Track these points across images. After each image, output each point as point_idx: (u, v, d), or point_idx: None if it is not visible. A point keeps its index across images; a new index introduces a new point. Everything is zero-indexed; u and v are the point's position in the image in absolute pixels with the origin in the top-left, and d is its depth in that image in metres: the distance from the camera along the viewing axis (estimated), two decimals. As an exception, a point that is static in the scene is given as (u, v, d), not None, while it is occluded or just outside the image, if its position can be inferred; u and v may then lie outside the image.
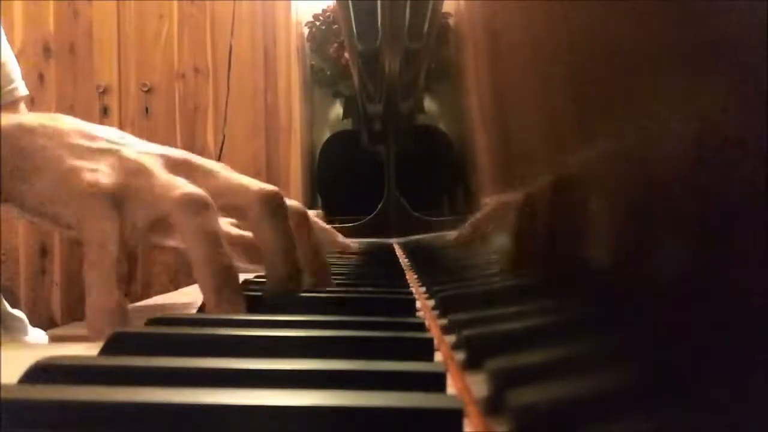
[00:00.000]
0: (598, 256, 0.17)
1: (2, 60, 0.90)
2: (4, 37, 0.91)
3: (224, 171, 0.45)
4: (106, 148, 0.41)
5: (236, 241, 0.52)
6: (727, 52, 0.11)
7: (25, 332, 0.89)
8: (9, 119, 0.42)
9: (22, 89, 0.92)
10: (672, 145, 0.12)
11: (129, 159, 0.41)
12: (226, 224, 0.51)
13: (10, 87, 0.90)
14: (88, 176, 0.39)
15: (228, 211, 0.45)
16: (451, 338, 0.34)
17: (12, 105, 0.91)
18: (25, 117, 0.43)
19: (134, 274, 1.93)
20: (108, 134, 0.43)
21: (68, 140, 0.41)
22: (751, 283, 0.10)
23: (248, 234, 0.50)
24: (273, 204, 0.43)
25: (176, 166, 0.43)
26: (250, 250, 0.51)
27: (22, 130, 0.41)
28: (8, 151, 0.40)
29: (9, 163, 0.40)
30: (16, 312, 0.91)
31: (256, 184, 0.44)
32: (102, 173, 0.40)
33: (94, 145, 0.41)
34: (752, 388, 0.10)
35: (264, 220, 0.42)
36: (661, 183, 0.13)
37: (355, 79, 1.22)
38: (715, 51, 0.11)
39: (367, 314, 0.35)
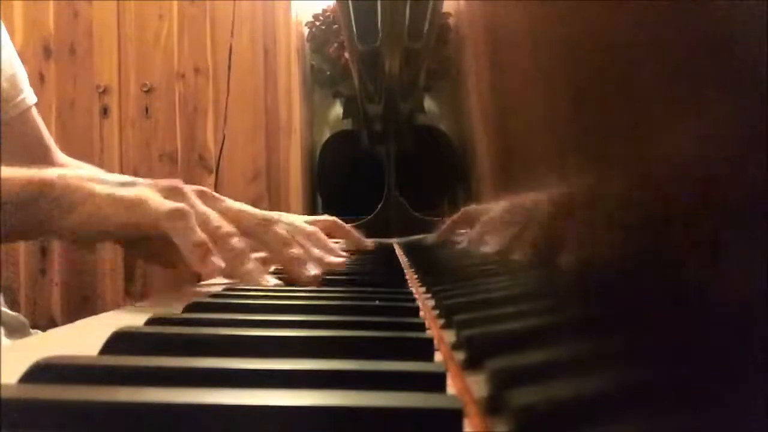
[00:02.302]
0: (598, 256, 0.17)
1: (12, 70, 0.90)
2: (10, 45, 0.91)
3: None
4: (130, 182, 0.56)
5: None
6: (728, 54, 0.11)
7: (26, 334, 0.89)
8: (52, 172, 0.55)
9: (30, 98, 0.93)
10: (673, 146, 0.12)
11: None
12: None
13: (20, 97, 0.91)
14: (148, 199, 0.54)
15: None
16: (451, 338, 0.34)
17: (23, 114, 0.91)
18: (64, 171, 0.57)
19: (134, 275, 1.93)
20: (122, 177, 0.58)
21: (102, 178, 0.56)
22: (751, 283, 0.10)
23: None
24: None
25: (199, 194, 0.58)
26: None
27: (62, 178, 0.54)
28: (56, 193, 0.53)
29: (49, 207, 0.53)
30: (17, 315, 0.91)
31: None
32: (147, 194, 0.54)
33: (122, 179, 0.57)
34: (752, 388, 0.10)
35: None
36: (662, 183, 0.13)
37: (355, 79, 1.22)
38: (715, 52, 0.11)
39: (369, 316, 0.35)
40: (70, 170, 0.59)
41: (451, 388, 0.25)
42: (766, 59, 0.09)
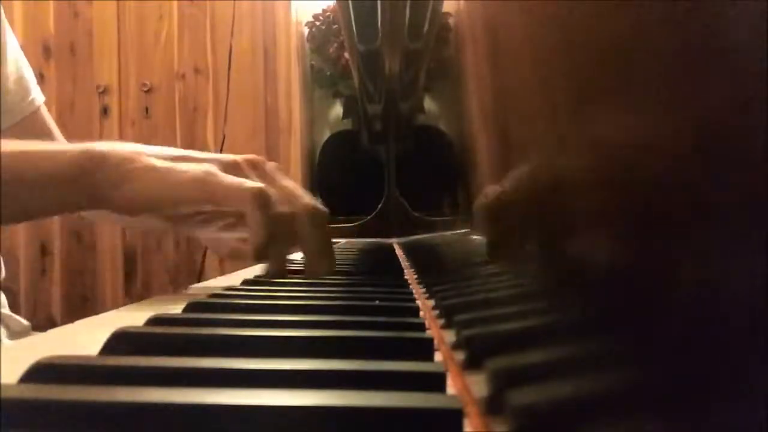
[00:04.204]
0: (598, 255, 0.17)
1: (20, 72, 0.91)
2: (18, 47, 0.92)
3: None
4: (178, 155, 0.58)
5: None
6: (727, 53, 0.11)
7: (27, 335, 0.89)
8: (96, 146, 0.55)
9: (39, 97, 0.95)
10: (673, 146, 0.12)
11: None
12: None
13: (30, 97, 0.92)
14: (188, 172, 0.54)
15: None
16: (451, 338, 0.34)
17: (34, 114, 0.93)
18: (98, 145, 0.57)
19: (134, 274, 1.93)
20: (157, 149, 0.58)
21: (150, 153, 0.56)
22: (751, 283, 0.10)
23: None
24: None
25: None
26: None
27: (93, 152, 0.54)
28: (94, 167, 0.54)
29: (95, 177, 0.53)
30: (20, 318, 0.92)
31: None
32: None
33: (166, 153, 0.57)
34: (752, 389, 0.10)
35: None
36: (662, 183, 0.13)
37: (355, 79, 1.22)
38: (714, 51, 0.11)
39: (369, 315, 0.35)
40: (122, 144, 0.59)
41: (451, 388, 0.25)
42: (766, 54, 0.09)
